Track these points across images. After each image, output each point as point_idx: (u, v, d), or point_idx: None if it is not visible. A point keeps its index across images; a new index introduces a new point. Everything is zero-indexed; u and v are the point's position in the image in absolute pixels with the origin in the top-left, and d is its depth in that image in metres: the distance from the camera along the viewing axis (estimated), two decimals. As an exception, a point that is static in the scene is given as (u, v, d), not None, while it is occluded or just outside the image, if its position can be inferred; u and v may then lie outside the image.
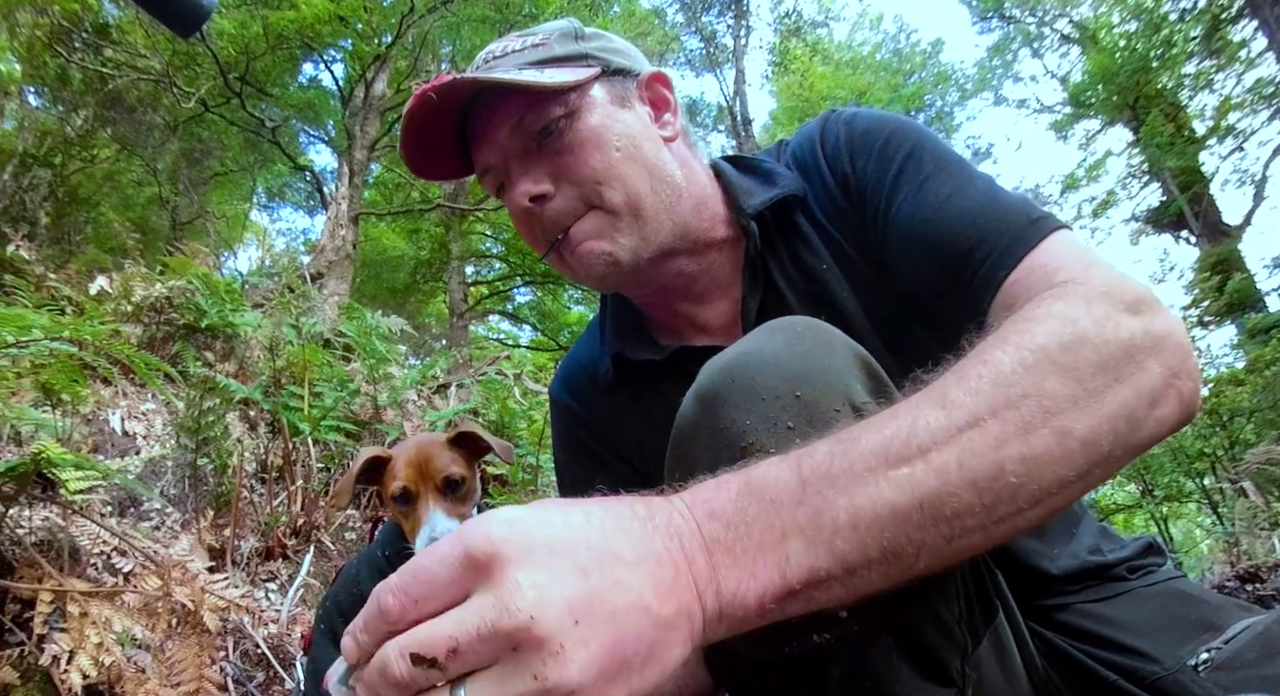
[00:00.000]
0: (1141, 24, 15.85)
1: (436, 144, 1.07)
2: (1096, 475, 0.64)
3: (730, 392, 0.71)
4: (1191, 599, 0.96)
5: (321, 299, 7.20)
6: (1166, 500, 8.45)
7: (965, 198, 0.93)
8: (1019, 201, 0.92)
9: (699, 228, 1.08)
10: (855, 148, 1.04)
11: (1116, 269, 0.80)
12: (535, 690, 0.45)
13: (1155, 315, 0.72)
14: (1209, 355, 9.84)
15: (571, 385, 1.28)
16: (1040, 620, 0.97)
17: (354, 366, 5.29)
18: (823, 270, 1.04)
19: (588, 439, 1.23)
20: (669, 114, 1.11)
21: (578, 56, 1.05)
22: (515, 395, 6.14)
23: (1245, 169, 15.18)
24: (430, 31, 11.32)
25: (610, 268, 1.04)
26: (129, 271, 5.16)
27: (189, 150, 12.41)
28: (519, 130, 1.01)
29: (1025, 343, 0.67)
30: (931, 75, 22.57)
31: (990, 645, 0.83)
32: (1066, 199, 18.00)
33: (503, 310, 18.96)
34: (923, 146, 0.99)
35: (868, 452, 0.59)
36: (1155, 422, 0.67)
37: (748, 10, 18.14)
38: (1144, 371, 0.67)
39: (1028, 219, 0.89)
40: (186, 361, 4.16)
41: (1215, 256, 13.36)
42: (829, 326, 0.78)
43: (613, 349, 1.17)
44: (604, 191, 1.01)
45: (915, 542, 0.58)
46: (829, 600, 0.58)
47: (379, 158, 12.62)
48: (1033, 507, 0.61)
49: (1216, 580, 4.81)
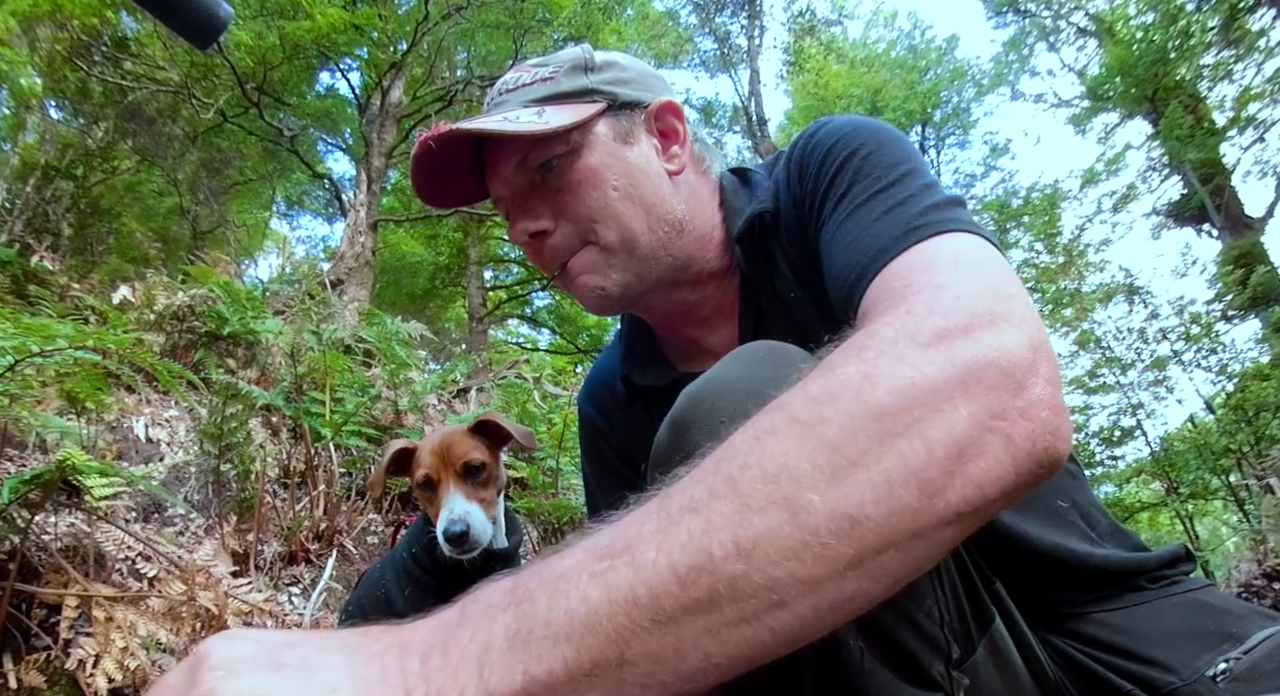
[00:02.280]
0: (1158, 15, 15.65)
1: (451, 174, 1.09)
2: (891, 559, 0.51)
3: (695, 417, 0.74)
4: (1213, 608, 0.93)
5: (342, 305, 7.25)
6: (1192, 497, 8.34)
7: (866, 211, 0.85)
8: (917, 208, 0.81)
9: (701, 260, 1.10)
10: (806, 165, 1.01)
11: (964, 278, 0.67)
12: None
13: (971, 341, 0.57)
14: (1233, 350, 9.69)
15: (594, 397, 1.32)
16: (1054, 628, 0.95)
17: (375, 372, 5.33)
18: (791, 300, 1.05)
19: (609, 453, 1.29)
20: (677, 145, 1.10)
21: (582, 92, 1.06)
22: (535, 398, 6.16)
23: (1267, 160, 14.92)
24: (445, 38, 11.39)
25: (603, 300, 1.07)
26: (151, 281, 5.22)
27: (208, 160, 12.54)
28: (523, 167, 1.04)
29: (778, 402, 0.57)
30: (947, 71, 22.37)
31: (987, 652, 0.82)
32: (1086, 193, 17.74)
33: (521, 314, 19.00)
34: (855, 155, 0.93)
35: (580, 549, 0.53)
36: (967, 482, 0.53)
37: (761, 10, 18.12)
38: (939, 417, 0.53)
39: (906, 228, 0.77)
40: (209, 368, 4.20)
41: (1238, 250, 13.18)
42: (791, 347, 0.79)
43: (622, 371, 1.21)
44: (599, 229, 1.03)
45: (624, 643, 0.49)
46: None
47: (396, 164, 12.68)
48: (796, 600, 0.50)
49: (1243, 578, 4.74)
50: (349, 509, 3.68)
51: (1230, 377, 9.10)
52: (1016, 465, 0.54)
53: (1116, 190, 17.18)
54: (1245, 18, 13.59)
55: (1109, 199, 17.19)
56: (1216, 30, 14.25)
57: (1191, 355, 9.45)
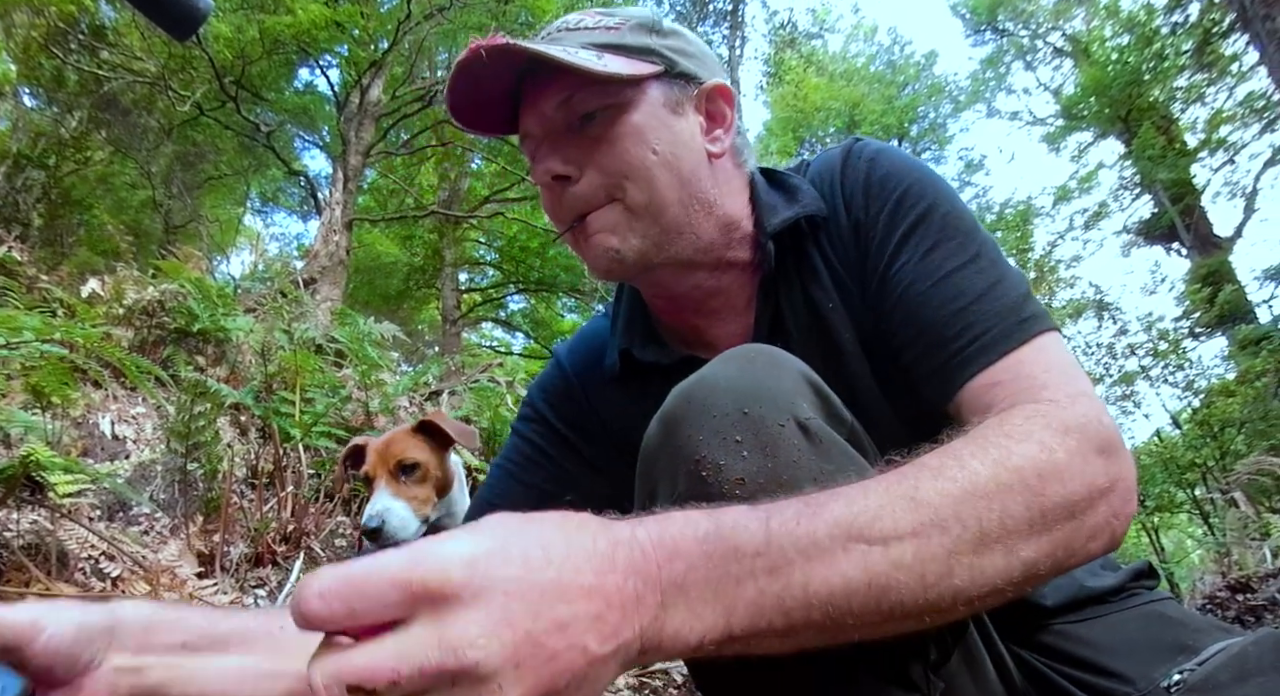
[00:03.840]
0: (1134, 37, 15.97)
1: (486, 100, 1.05)
2: (1025, 589, 0.69)
3: (686, 413, 0.75)
4: (1171, 620, 0.96)
5: (314, 304, 7.19)
6: (1158, 510, 8.49)
7: (964, 278, 0.92)
8: (1015, 293, 0.92)
9: (723, 247, 1.07)
10: (872, 193, 1.01)
11: (1094, 394, 0.82)
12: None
13: (1117, 458, 0.74)
14: (1200, 366, 9.89)
15: (575, 354, 1.26)
16: (1018, 640, 0.98)
17: (346, 372, 5.28)
18: (828, 309, 1.03)
19: (570, 410, 1.22)
20: (721, 130, 1.07)
21: (644, 50, 1.02)
22: (507, 402, 6.13)
23: (1236, 181, 15.26)
24: (427, 38, 11.34)
25: (614, 263, 1.03)
26: (121, 274, 5.14)
27: (183, 153, 12.39)
28: (565, 107, 1.00)
29: (1004, 460, 0.69)
30: (925, 87, 22.66)
31: (961, 659, 0.83)
32: (1058, 210, 18.07)
33: (495, 317, 18.92)
34: (937, 207, 0.97)
35: (832, 521, 0.61)
36: (1086, 554, 0.72)
37: (743, 21, 18.16)
38: (1094, 511, 0.71)
39: (1019, 317, 0.89)
40: (178, 365, 4.14)
41: (1206, 268, 13.42)
42: (781, 351, 0.82)
43: (621, 344, 1.16)
44: (629, 187, 0.99)
45: (855, 617, 0.61)
46: (763, 649, 0.61)
47: (374, 163, 12.61)
48: (965, 607, 0.65)
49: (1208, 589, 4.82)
50: (317, 511, 3.64)
51: (1196, 393, 9.29)
52: (1108, 548, 0.74)
53: (1088, 208, 17.53)
54: (1219, 42, 13.90)
55: (1081, 216, 17.53)
56: (1190, 53, 14.55)
57: (1159, 371, 9.64)
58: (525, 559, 0.51)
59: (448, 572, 0.49)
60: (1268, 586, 4.10)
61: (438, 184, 16.16)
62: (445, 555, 0.50)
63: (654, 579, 0.55)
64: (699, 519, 0.59)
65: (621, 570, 0.55)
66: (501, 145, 12.75)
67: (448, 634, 0.47)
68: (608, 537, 0.56)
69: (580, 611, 0.52)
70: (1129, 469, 0.76)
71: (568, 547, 0.54)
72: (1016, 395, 0.82)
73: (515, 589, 0.50)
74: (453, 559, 0.49)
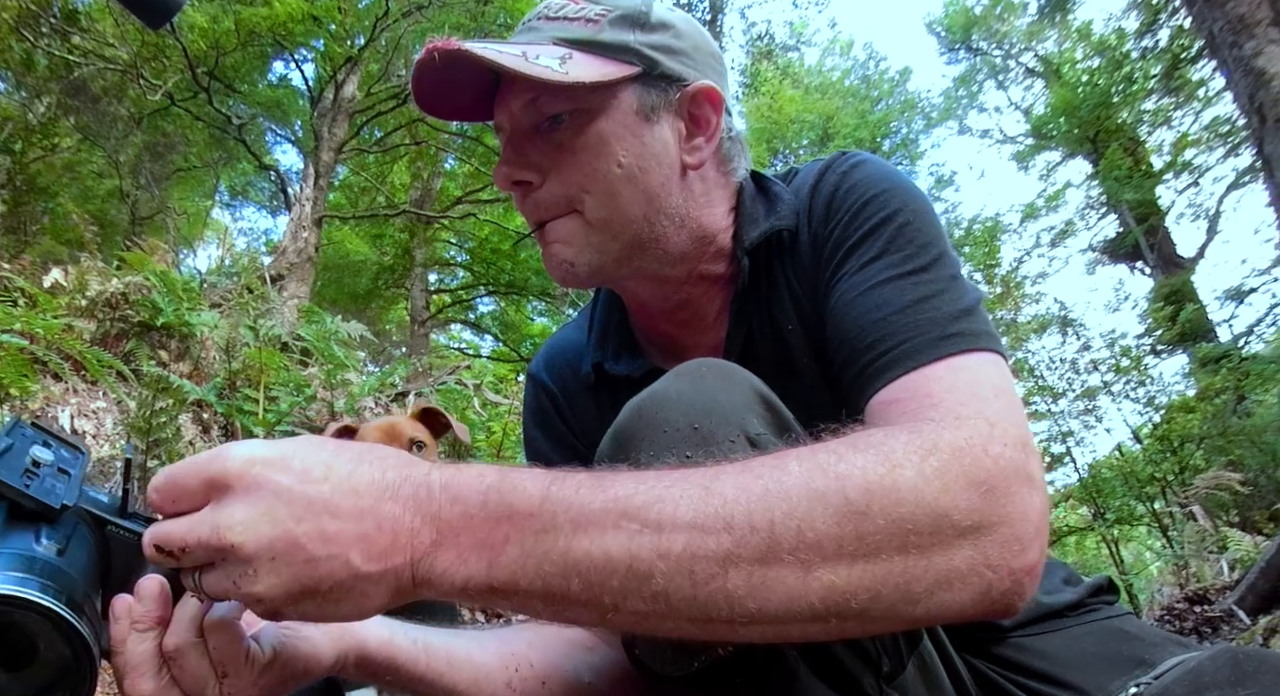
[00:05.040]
0: (1104, 60, 16.31)
1: (462, 86, 0.99)
2: (845, 628, 0.62)
3: (638, 428, 0.75)
4: (1129, 635, 0.96)
5: (281, 301, 7.08)
6: (1118, 523, 8.61)
7: (896, 288, 0.86)
8: (952, 308, 0.83)
9: (696, 259, 1.03)
10: (834, 205, 0.96)
11: (1011, 424, 0.71)
12: (234, 593, 0.60)
13: (1002, 498, 0.63)
14: (1161, 383, 10.08)
15: (552, 369, 1.22)
16: (975, 651, 0.97)
17: (311, 371, 5.21)
18: (788, 331, 1.00)
19: (561, 425, 1.19)
20: (702, 137, 1.00)
21: (621, 49, 0.95)
22: (475, 405, 6.08)
23: (1200, 203, 15.62)
24: (404, 36, 11.25)
25: (568, 275, 1.00)
26: (85, 265, 5.03)
27: (152, 144, 12.19)
28: (532, 108, 0.96)
29: (828, 467, 0.62)
30: (898, 103, 22.93)
31: (916, 670, 0.83)
32: (1026, 228, 18.39)
33: (465, 319, 18.76)
34: (894, 218, 0.91)
35: (612, 496, 0.61)
36: (937, 604, 0.61)
37: (722, 31, 18.23)
38: (947, 552, 0.61)
39: (942, 332, 0.80)
40: (140, 360, 4.06)
41: (1169, 287, 13.69)
42: (734, 366, 0.81)
43: (594, 357, 1.13)
44: (589, 200, 0.95)
45: (615, 596, 0.59)
46: (528, 611, 0.63)
47: (346, 160, 12.48)
48: (750, 625, 0.60)
49: (1166, 601, 4.90)
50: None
51: (1157, 409, 9.44)
52: (977, 607, 0.63)
53: (1055, 226, 17.84)
54: (1187, 67, 14.23)
55: (1047, 234, 17.84)
56: (1158, 78, 14.89)
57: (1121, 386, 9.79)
58: (303, 471, 0.60)
59: (227, 467, 0.60)
60: (1224, 599, 4.19)
61: (410, 183, 16.04)
62: (233, 453, 0.61)
63: (433, 517, 0.61)
64: (489, 473, 0.64)
65: (403, 502, 0.61)
66: (475, 146, 12.70)
67: (218, 516, 0.59)
68: (399, 473, 0.63)
69: (348, 528, 0.59)
70: (1025, 513, 0.64)
71: (352, 472, 0.62)
72: (910, 414, 0.75)
73: (284, 493, 0.59)
74: (236, 457, 0.60)
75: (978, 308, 0.85)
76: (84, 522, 0.69)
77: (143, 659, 0.66)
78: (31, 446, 0.68)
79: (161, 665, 0.67)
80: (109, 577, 0.71)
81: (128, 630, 0.66)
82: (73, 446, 0.74)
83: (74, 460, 0.72)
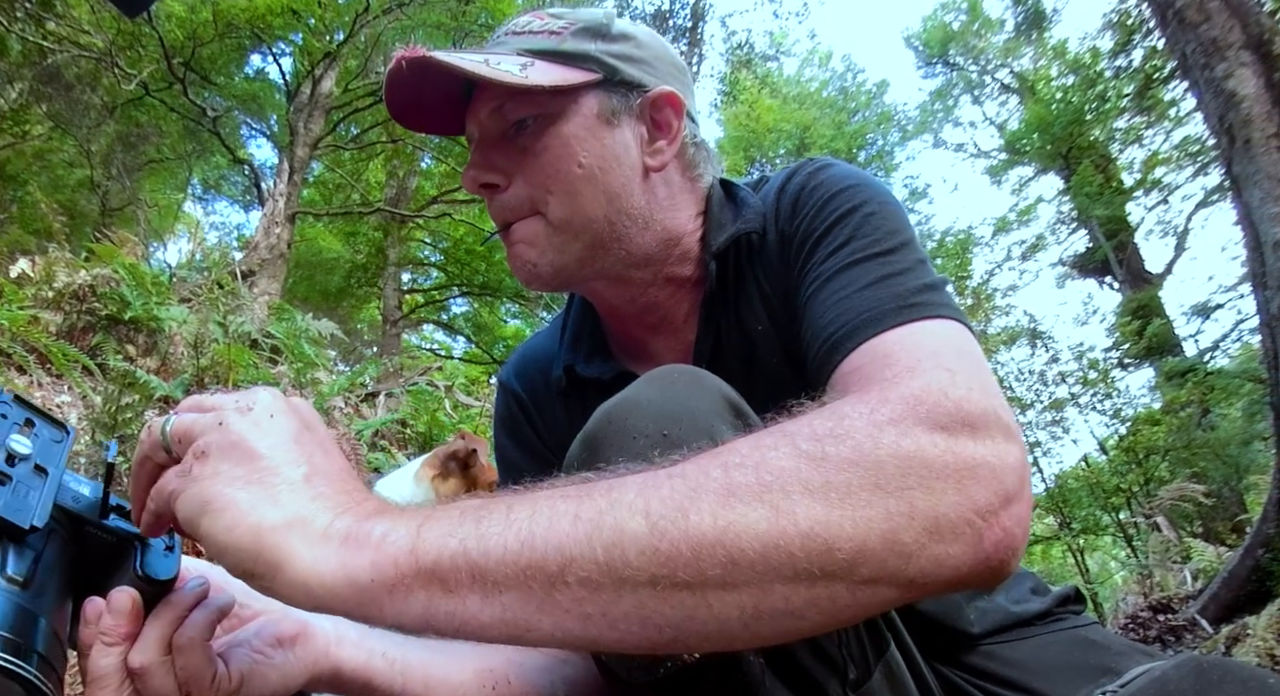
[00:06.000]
0: (1078, 78, 16.58)
1: (436, 99, 1.03)
2: (834, 594, 0.55)
3: (608, 434, 0.75)
4: (1096, 644, 0.98)
5: (251, 298, 6.99)
6: (1084, 532, 8.75)
7: (861, 269, 0.86)
8: (914, 283, 0.82)
9: (662, 262, 1.04)
10: (800, 204, 0.98)
11: (975, 374, 0.68)
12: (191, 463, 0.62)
13: (977, 440, 0.60)
14: (1127, 395, 10.27)
15: (523, 376, 1.23)
16: (943, 659, 0.98)
17: (280, 369, 5.16)
18: (758, 332, 1.01)
19: (530, 433, 1.20)
20: (664, 141, 1.03)
21: (582, 57, 0.99)
22: (446, 407, 6.05)
23: (1169, 221, 15.89)
24: (384, 33, 11.18)
25: (531, 276, 1.02)
26: (53, 256, 4.95)
27: (125, 134, 12.01)
28: (498, 115, 0.99)
29: (777, 431, 0.61)
30: (875, 115, 23.16)
31: (883, 677, 0.83)
32: (997, 241, 18.64)
33: (437, 320, 18.58)
34: (860, 208, 0.92)
35: (558, 484, 0.61)
36: (931, 559, 0.56)
37: (702, 39, 18.29)
38: (930, 494, 0.56)
39: (903, 303, 0.79)
40: (107, 354, 3.99)
41: (1137, 302, 13.92)
42: (704, 373, 0.80)
43: (565, 360, 1.14)
44: (551, 201, 0.98)
45: (570, 560, 0.54)
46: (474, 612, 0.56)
47: (321, 156, 12.37)
48: (725, 588, 0.54)
49: (1130, 610, 4.99)
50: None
51: (1123, 421, 9.63)
52: (975, 563, 0.58)
53: (1026, 240, 18.10)
54: (1159, 88, 14.49)
55: (1019, 247, 18.10)
56: (1131, 97, 15.15)
57: (1088, 398, 9.97)
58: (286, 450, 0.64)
59: (231, 423, 0.63)
60: (1187, 608, 4.26)
61: (385, 181, 15.94)
62: (247, 408, 0.65)
63: None
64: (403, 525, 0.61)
65: None
66: (452, 146, 12.64)
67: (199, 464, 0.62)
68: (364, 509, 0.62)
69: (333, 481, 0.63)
70: (1002, 456, 0.61)
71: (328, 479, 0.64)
72: (867, 378, 0.73)
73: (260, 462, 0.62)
74: (243, 415, 0.64)
75: (943, 286, 0.85)
76: (59, 526, 0.66)
77: (105, 672, 0.65)
78: (9, 435, 0.65)
79: (124, 680, 0.65)
80: (84, 578, 0.69)
81: (95, 636, 0.65)
82: (58, 424, 0.72)
83: (56, 447, 0.69)
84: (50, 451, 0.68)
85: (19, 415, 0.68)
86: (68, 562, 0.67)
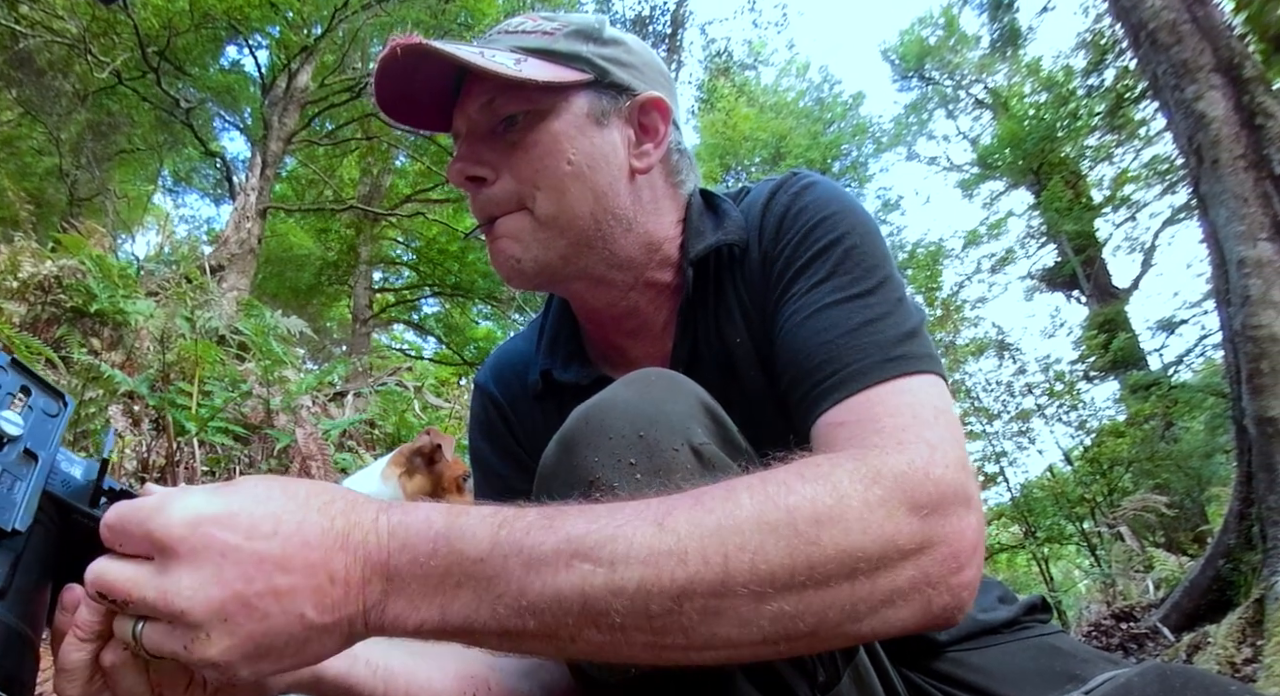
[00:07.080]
0: (1051, 96, 16.85)
1: (422, 94, 1.03)
2: (794, 647, 0.64)
3: (584, 435, 0.76)
4: (1061, 652, 0.99)
5: (220, 293, 6.89)
6: (1048, 541, 8.88)
7: (843, 311, 0.88)
8: (896, 330, 0.86)
9: (643, 266, 1.05)
10: (784, 226, 0.99)
11: (951, 446, 0.74)
12: (185, 656, 0.57)
13: (940, 518, 0.67)
14: (1092, 407, 10.44)
15: (500, 379, 1.22)
16: (912, 665, 0.99)
17: (248, 366, 5.10)
18: (736, 344, 1.02)
19: (506, 436, 1.19)
20: (651, 144, 1.04)
21: (574, 58, 1.00)
22: (415, 408, 6.01)
23: (1136, 237, 16.15)
24: (362, 29, 11.11)
25: (514, 272, 1.02)
26: (18, 245, 4.84)
27: (96, 122, 11.80)
28: (488, 109, 0.99)
29: (778, 498, 0.64)
30: (850, 126, 23.31)
31: (852, 681, 0.84)
32: (967, 253, 18.84)
33: (408, 320, 18.44)
34: (842, 241, 0.93)
35: (563, 537, 0.61)
36: (881, 621, 0.65)
37: (681, 46, 18.31)
38: (892, 573, 0.64)
39: (886, 354, 0.83)
40: (71, 347, 3.92)
41: (1103, 316, 14.13)
42: (681, 376, 0.82)
43: (543, 364, 1.14)
44: (539, 197, 0.98)
45: (570, 632, 0.61)
46: (486, 645, 0.64)
47: (294, 151, 12.25)
48: (703, 651, 0.62)
49: (1094, 618, 5.06)
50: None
51: (1088, 433, 9.77)
52: (919, 622, 0.66)
53: (996, 253, 18.32)
54: (1130, 107, 14.76)
55: (988, 260, 18.32)
56: (1102, 116, 15.42)
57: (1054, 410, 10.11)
58: (250, 527, 0.59)
59: (170, 529, 0.57)
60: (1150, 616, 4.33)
61: (359, 178, 15.82)
62: (177, 511, 0.58)
63: (381, 566, 0.61)
64: (437, 517, 0.63)
65: (352, 551, 0.61)
66: (427, 144, 12.57)
67: (164, 581, 0.57)
68: (348, 519, 0.62)
69: (301, 583, 0.59)
70: (962, 532, 0.68)
71: (301, 522, 0.61)
72: (855, 439, 0.77)
73: (232, 554, 0.58)
74: (180, 517, 0.58)
75: (921, 330, 0.88)
76: (43, 514, 0.63)
77: (75, 667, 0.63)
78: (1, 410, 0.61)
79: (93, 675, 0.64)
80: (67, 563, 0.66)
81: (69, 626, 0.63)
82: (56, 394, 0.69)
83: (49, 423, 0.66)
84: (43, 428, 0.65)
85: (14, 383, 0.65)
86: (50, 550, 0.64)
